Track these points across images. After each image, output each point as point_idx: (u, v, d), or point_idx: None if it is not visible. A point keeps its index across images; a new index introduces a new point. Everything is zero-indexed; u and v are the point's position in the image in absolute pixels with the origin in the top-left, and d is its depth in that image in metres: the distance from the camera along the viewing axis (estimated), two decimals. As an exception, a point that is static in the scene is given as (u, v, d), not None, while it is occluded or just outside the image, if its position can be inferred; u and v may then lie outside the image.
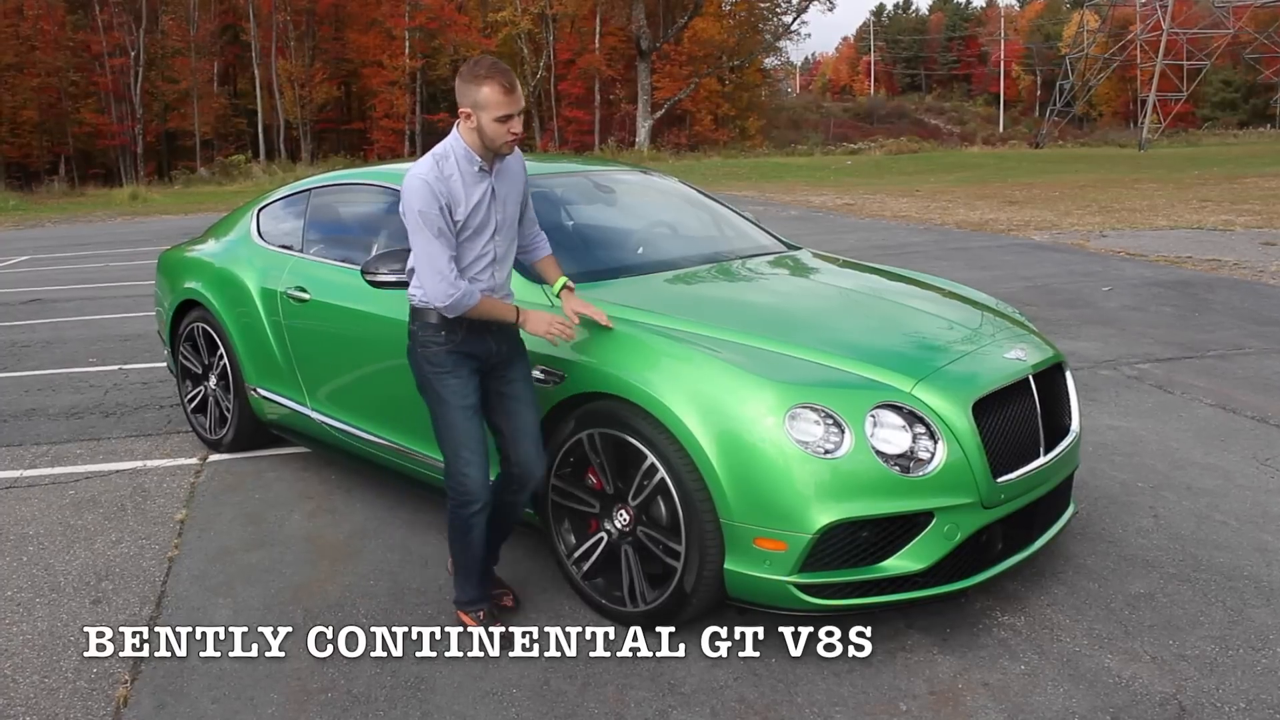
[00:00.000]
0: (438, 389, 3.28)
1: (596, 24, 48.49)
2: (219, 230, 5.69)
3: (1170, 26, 46.49)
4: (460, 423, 3.26)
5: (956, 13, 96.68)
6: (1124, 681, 3.10)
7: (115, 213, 25.00)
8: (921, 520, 3.15)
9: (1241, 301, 9.05)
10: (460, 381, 3.27)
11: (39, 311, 10.34)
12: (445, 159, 3.16)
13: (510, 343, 3.37)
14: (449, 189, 3.12)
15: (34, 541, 4.35)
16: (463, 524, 3.32)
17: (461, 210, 3.15)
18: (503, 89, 3.05)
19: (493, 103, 3.06)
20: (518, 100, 3.10)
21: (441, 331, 3.24)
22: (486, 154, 3.18)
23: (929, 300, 4.25)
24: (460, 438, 3.26)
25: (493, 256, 3.28)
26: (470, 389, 3.28)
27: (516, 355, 3.40)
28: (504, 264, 3.35)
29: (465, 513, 3.29)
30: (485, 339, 3.29)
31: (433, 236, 3.10)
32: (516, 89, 3.09)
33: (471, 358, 3.28)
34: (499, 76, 3.06)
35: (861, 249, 12.74)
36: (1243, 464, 4.91)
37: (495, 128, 3.09)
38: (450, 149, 3.17)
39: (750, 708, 3.01)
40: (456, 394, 3.26)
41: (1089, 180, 25.49)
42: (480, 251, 3.24)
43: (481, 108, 3.08)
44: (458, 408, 3.26)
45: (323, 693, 3.13)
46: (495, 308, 3.24)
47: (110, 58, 43.31)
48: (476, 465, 3.27)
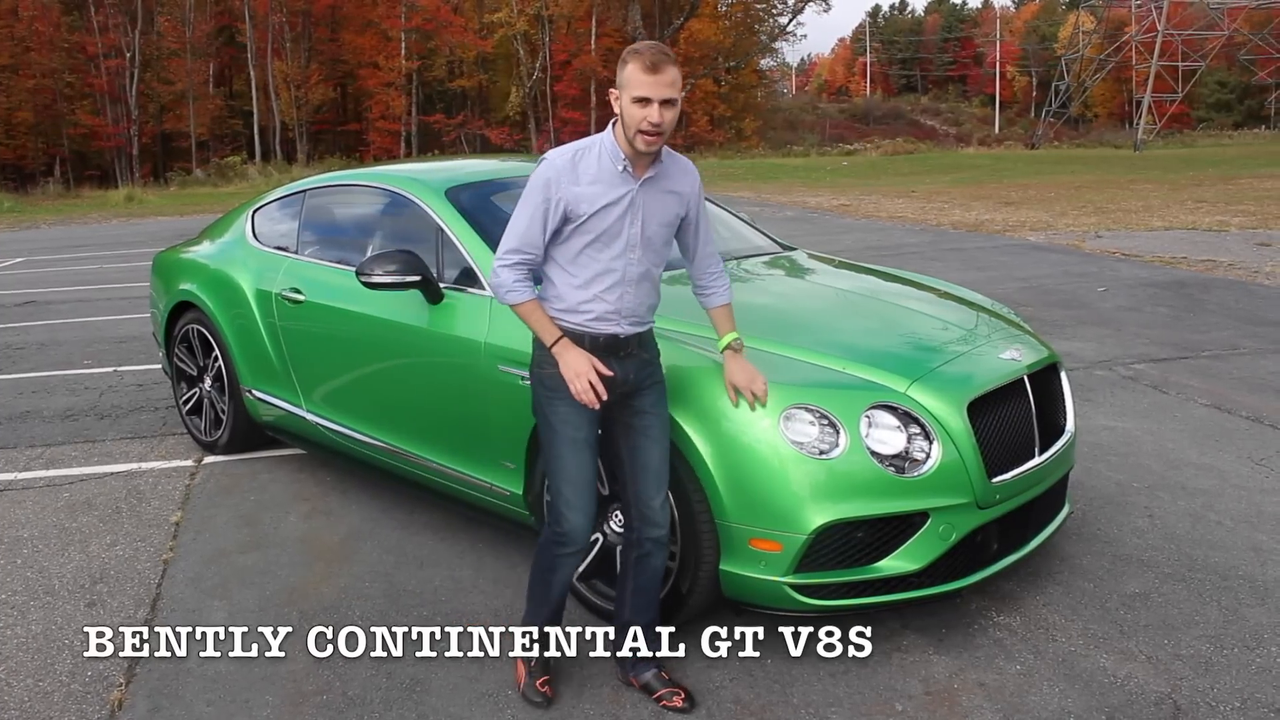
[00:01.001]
0: (548, 415, 2.94)
1: (592, 25, 48.49)
2: (214, 232, 5.68)
3: (1165, 28, 46.60)
4: (567, 455, 2.92)
5: (952, 14, 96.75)
6: (1119, 681, 3.10)
7: (110, 214, 24.98)
8: (917, 520, 3.15)
9: (1236, 302, 9.06)
10: (574, 410, 2.89)
11: (34, 313, 10.33)
12: (588, 150, 2.85)
13: (643, 368, 2.99)
14: (576, 182, 2.81)
15: (28, 544, 4.34)
16: (549, 560, 3.02)
17: (585, 207, 2.81)
18: (644, 66, 2.69)
19: (632, 80, 2.71)
20: (663, 86, 2.69)
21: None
22: (635, 155, 2.81)
23: (924, 301, 4.26)
24: (564, 473, 2.92)
25: (621, 276, 2.87)
26: (584, 419, 2.91)
27: (649, 383, 3.01)
28: (637, 288, 2.91)
29: (555, 550, 2.99)
30: (609, 363, 2.89)
31: (522, 211, 2.83)
32: (664, 71, 2.69)
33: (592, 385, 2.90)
34: (647, 53, 2.70)
35: (857, 250, 12.75)
36: (1237, 464, 4.92)
37: (631, 110, 2.71)
38: (598, 140, 2.87)
39: (746, 708, 3.01)
40: (567, 423, 2.91)
41: (1084, 181, 25.53)
42: (606, 266, 2.86)
43: (622, 86, 2.74)
44: (566, 439, 2.91)
45: (318, 695, 3.13)
46: (539, 322, 2.87)
47: (106, 59, 43.25)
48: (579, 508, 2.92)
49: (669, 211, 2.93)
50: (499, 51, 49.66)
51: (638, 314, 2.95)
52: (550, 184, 2.80)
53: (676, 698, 3.04)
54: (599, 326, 2.90)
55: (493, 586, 3.82)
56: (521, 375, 3.58)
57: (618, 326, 2.91)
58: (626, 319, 2.92)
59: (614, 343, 2.92)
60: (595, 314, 2.89)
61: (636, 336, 2.98)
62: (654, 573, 3.09)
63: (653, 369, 3.04)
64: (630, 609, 3.12)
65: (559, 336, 2.85)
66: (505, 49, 48.81)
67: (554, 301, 2.92)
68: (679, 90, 2.76)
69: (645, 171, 2.86)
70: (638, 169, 2.84)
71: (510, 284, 2.85)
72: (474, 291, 3.88)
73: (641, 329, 2.99)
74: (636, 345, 2.98)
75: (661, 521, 3.03)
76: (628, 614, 3.13)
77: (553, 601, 3.09)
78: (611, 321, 2.90)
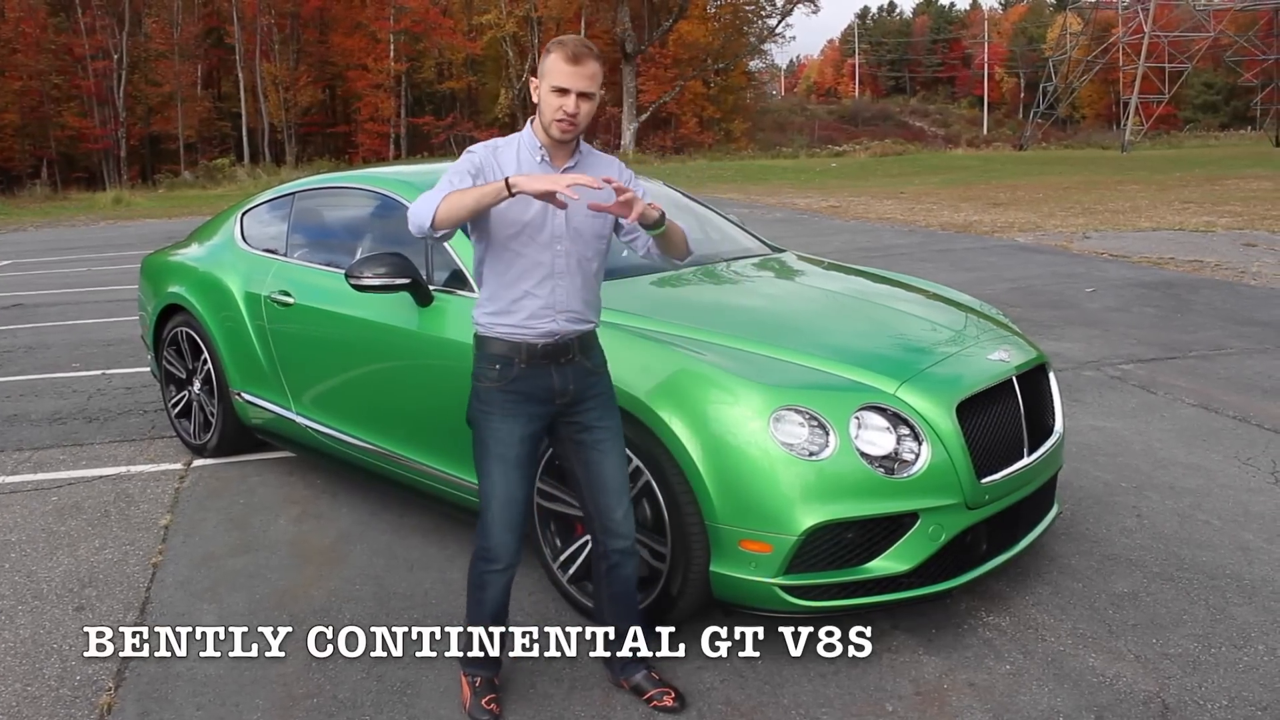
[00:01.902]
0: (480, 430, 2.91)
1: (581, 27, 48.44)
2: (203, 234, 5.67)
3: (1152, 29, 46.75)
4: (496, 473, 2.88)
5: (940, 15, 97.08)
6: (1108, 680, 3.11)
7: (98, 217, 24.87)
8: (906, 521, 3.16)
9: (1223, 302, 9.11)
10: (506, 428, 2.86)
11: (21, 316, 10.28)
12: (507, 144, 2.85)
13: (584, 381, 2.93)
14: (497, 163, 2.79)
15: (16, 548, 4.32)
16: (477, 577, 3.00)
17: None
18: (566, 57, 2.68)
19: (553, 70, 2.70)
20: (582, 78, 2.69)
21: (496, 365, 2.86)
22: (553, 145, 2.81)
23: (913, 302, 4.27)
24: (491, 490, 2.89)
25: (549, 269, 2.82)
26: (516, 438, 2.87)
27: (593, 395, 2.95)
28: (570, 281, 2.85)
29: (482, 566, 2.97)
30: (548, 374, 2.86)
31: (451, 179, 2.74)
32: (584, 64, 2.69)
33: (530, 400, 2.86)
34: (570, 44, 2.71)
35: (846, 251, 12.78)
36: (1225, 463, 4.94)
37: (549, 98, 2.71)
38: (515, 136, 2.87)
39: (736, 709, 3.02)
40: (498, 440, 2.87)
41: (1072, 182, 25.61)
42: (534, 260, 2.81)
43: (543, 75, 2.73)
44: (495, 456, 2.88)
45: (309, 698, 3.12)
46: (470, 190, 2.67)
47: (93, 60, 43.04)
48: (502, 526, 2.90)
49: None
50: (488, 53, 49.62)
51: (573, 308, 2.88)
52: (471, 161, 2.79)
53: (667, 697, 3.04)
54: (535, 325, 2.84)
55: (483, 589, 3.81)
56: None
57: (554, 323, 2.85)
58: (562, 314, 2.86)
59: (553, 349, 2.87)
60: (529, 311, 2.83)
61: (578, 339, 2.92)
62: (627, 580, 3.08)
63: (596, 380, 2.98)
64: (611, 615, 3.12)
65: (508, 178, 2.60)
66: (494, 51, 48.78)
67: (487, 304, 2.89)
68: (598, 85, 2.75)
69: (564, 162, 2.84)
70: (556, 160, 2.83)
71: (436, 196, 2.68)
72: (463, 294, 3.87)
73: (582, 328, 2.93)
74: (579, 350, 2.92)
75: (626, 532, 3.00)
76: (609, 620, 3.13)
77: (487, 618, 3.04)
78: (547, 318, 2.84)
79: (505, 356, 2.85)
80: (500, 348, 2.86)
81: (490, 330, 2.88)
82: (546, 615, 3.58)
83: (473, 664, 3.08)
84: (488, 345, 2.89)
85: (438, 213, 2.65)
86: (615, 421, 3.02)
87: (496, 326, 2.87)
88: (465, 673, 3.10)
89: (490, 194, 2.61)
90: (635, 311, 3.68)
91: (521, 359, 2.84)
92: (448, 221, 2.66)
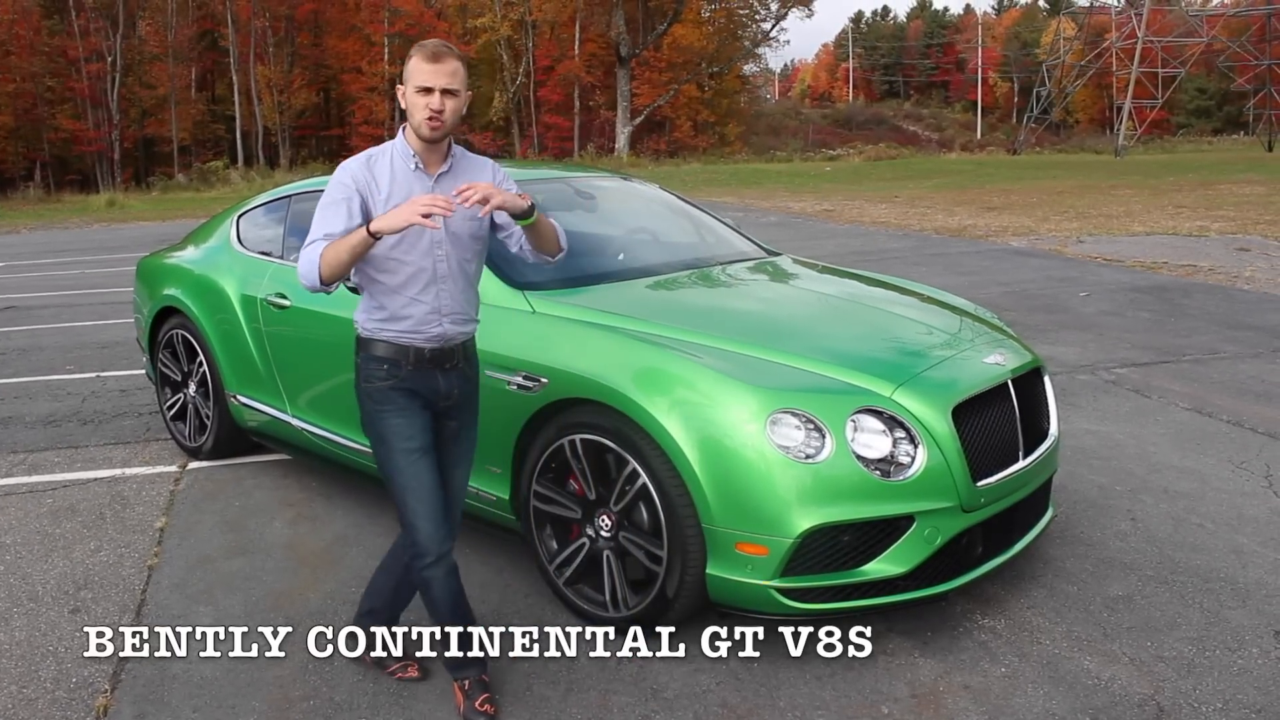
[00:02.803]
0: (379, 429, 2.94)
1: (576, 30, 48.49)
2: (198, 237, 5.66)
3: (1145, 34, 46.92)
4: (405, 467, 2.91)
5: (934, 20, 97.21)
6: (1103, 683, 3.12)
7: (92, 219, 24.82)
8: (902, 524, 3.17)
9: (1217, 306, 9.14)
10: (404, 421, 2.91)
11: (15, 319, 10.26)
12: (381, 154, 2.89)
13: (464, 386, 3.02)
14: (372, 176, 2.83)
15: (11, 550, 4.31)
16: (420, 582, 3.01)
17: (382, 199, 2.81)
18: (426, 57, 2.74)
19: (416, 71, 2.75)
20: (444, 75, 2.74)
21: (384, 366, 2.92)
22: (425, 149, 2.86)
23: (908, 305, 4.28)
24: (406, 485, 2.92)
25: (432, 274, 2.88)
26: (416, 429, 2.93)
27: (467, 402, 3.06)
28: (454, 284, 2.92)
29: (419, 566, 2.96)
30: (434, 378, 2.94)
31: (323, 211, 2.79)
32: (445, 62, 2.74)
33: (418, 395, 2.93)
34: (429, 46, 2.77)
35: (841, 255, 12.79)
36: (1219, 467, 4.96)
37: (415, 99, 2.76)
38: (388, 145, 2.91)
39: (733, 712, 3.02)
40: (399, 435, 2.91)
41: (1066, 186, 25.68)
42: (417, 266, 2.86)
43: (407, 79, 2.78)
44: (400, 450, 2.91)
45: (305, 700, 3.12)
46: (340, 241, 2.72)
47: (87, 63, 42.92)
48: (426, 517, 2.92)
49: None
50: (482, 56, 49.54)
51: (458, 310, 2.95)
52: (345, 185, 2.81)
53: (411, 668, 3.20)
54: (424, 330, 2.90)
55: (479, 591, 3.81)
56: (508, 380, 3.60)
57: (441, 326, 2.91)
58: (448, 317, 2.92)
59: (440, 354, 2.93)
60: (417, 317, 2.89)
61: (462, 345, 2.99)
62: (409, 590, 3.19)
63: (472, 391, 3.07)
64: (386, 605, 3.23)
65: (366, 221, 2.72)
66: (489, 54, 48.71)
67: (374, 313, 2.93)
68: (461, 83, 2.80)
69: (438, 167, 2.89)
70: (430, 165, 2.88)
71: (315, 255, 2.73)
72: (460, 296, 3.88)
73: (466, 329, 3.00)
74: (462, 356, 3.00)
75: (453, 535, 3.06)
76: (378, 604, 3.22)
77: (447, 616, 3.04)
78: (434, 322, 2.91)
79: (393, 359, 2.92)
80: (387, 350, 2.92)
81: (376, 334, 2.93)
82: (542, 618, 3.57)
83: (456, 666, 3.08)
84: (373, 348, 2.94)
85: (323, 273, 2.73)
86: (475, 433, 3.13)
87: (383, 331, 2.92)
88: (455, 678, 3.09)
89: (360, 245, 2.70)
90: (632, 315, 3.69)
91: (409, 362, 2.91)
92: (335, 277, 2.75)
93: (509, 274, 3.89)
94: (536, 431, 3.58)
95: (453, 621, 3.05)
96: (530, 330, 3.69)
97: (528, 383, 3.56)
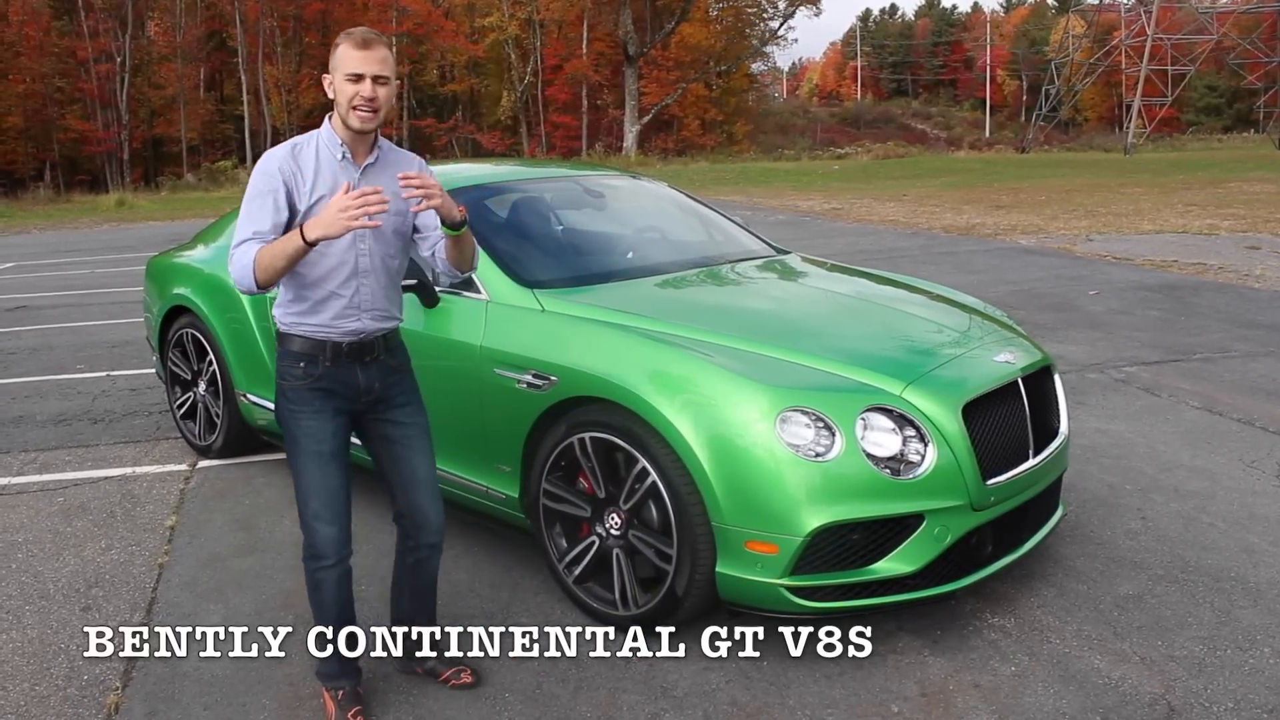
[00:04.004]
0: (291, 428, 2.89)
1: (584, 29, 48.53)
2: (208, 236, 5.68)
3: (1155, 32, 46.74)
4: (311, 469, 2.87)
5: (943, 18, 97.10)
6: (1113, 682, 3.12)
7: (102, 219, 24.90)
8: (912, 522, 3.17)
9: (1227, 305, 9.11)
10: (317, 423, 2.87)
11: (25, 318, 10.29)
12: (306, 143, 2.82)
13: (387, 378, 2.97)
14: (298, 166, 2.77)
15: (23, 549, 4.33)
16: (310, 578, 2.98)
17: (306, 190, 2.75)
18: (355, 44, 2.71)
19: (344, 59, 2.71)
20: (374, 62, 2.71)
21: (300, 363, 2.86)
22: (353, 139, 2.80)
23: (918, 304, 4.28)
24: (310, 486, 2.88)
25: (354, 268, 2.83)
26: (328, 433, 2.88)
27: (399, 392, 3.01)
28: (374, 279, 2.87)
29: (312, 566, 2.95)
30: (353, 372, 2.88)
31: (249, 207, 2.74)
32: (374, 49, 2.71)
33: (335, 395, 2.88)
34: (357, 33, 2.73)
35: (849, 253, 12.78)
36: (1229, 466, 4.94)
37: (345, 88, 2.71)
38: (315, 134, 2.85)
39: (742, 710, 3.02)
40: (310, 436, 2.86)
41: (1075, 185, 25.61)
42: (339, 259, 2.80)
43: (335, 67, 2.74)
44: (309, 452, 2.87)
45: (315, 698, 3.12)
46: (275, 246, 2.65)
47: (96, 63, 43.09)
48: (325, 519, 2.89)
49: (394, 198, 2.77)
50: (490, 56, 49.66)
51: (379, 307, 2.90)
52: (271, 175, 2.75)
53: (465, 674, 3.15)
54: (341, 325, 2.85)
55: (489, 590, 3.82)
56: (517, 378, 3.61)
57: (359, 322, 2.87)
58: (367, 313, 2.88)
59: (358, 347, 2.89)
60: (334, 311, 2.84)
61: (382, 338, 2.94)
62: (431, 575, 3.18)
63: (401, 378, 3.02)
64: (411, 608, 3.21)
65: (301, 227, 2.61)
66: (497, 53, 48.80)
67: (290, 307, 2.87)
68: (391, 70, 2.76)
69: (365, 159, 2.83)
70: (356, 156, 2.82)
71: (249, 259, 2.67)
72: (469, 295, 3.89)
73: (386, 325, 2.95)
74: (383, 350, 2.95)
75: (438, 527, 3.08)
76: (407, 613, 3.21)
77: (331, 619, 3.01)
78: (352, 317, 2.86)
79: (309, 355, 2.86)
80: (303, 345, 2.87)
81: (293, 329, 2.89)
82: (551, 617, 3.58)
83: (329, 673, 3.05)
84: (290, 343, 2.89)
85: (258, 278, 2.67)
86: (424, 418, 3.07)
87: (300, 325, 2.88)
88: (326, 687, 3.05)
89: (295, 254, 2.63)
90: (641, 313, 3.69)
91: (326, 357, 2.86)
92: (271, 281, 2.70)
93: (519, 272, 3.89)
94: (546, 430, 3.58)
95: (339, 624, 3.02)
96: (540, 328, 3.69)
97: (537, 381, 3.56)
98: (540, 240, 4.56)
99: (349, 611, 3.05)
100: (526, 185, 4.87)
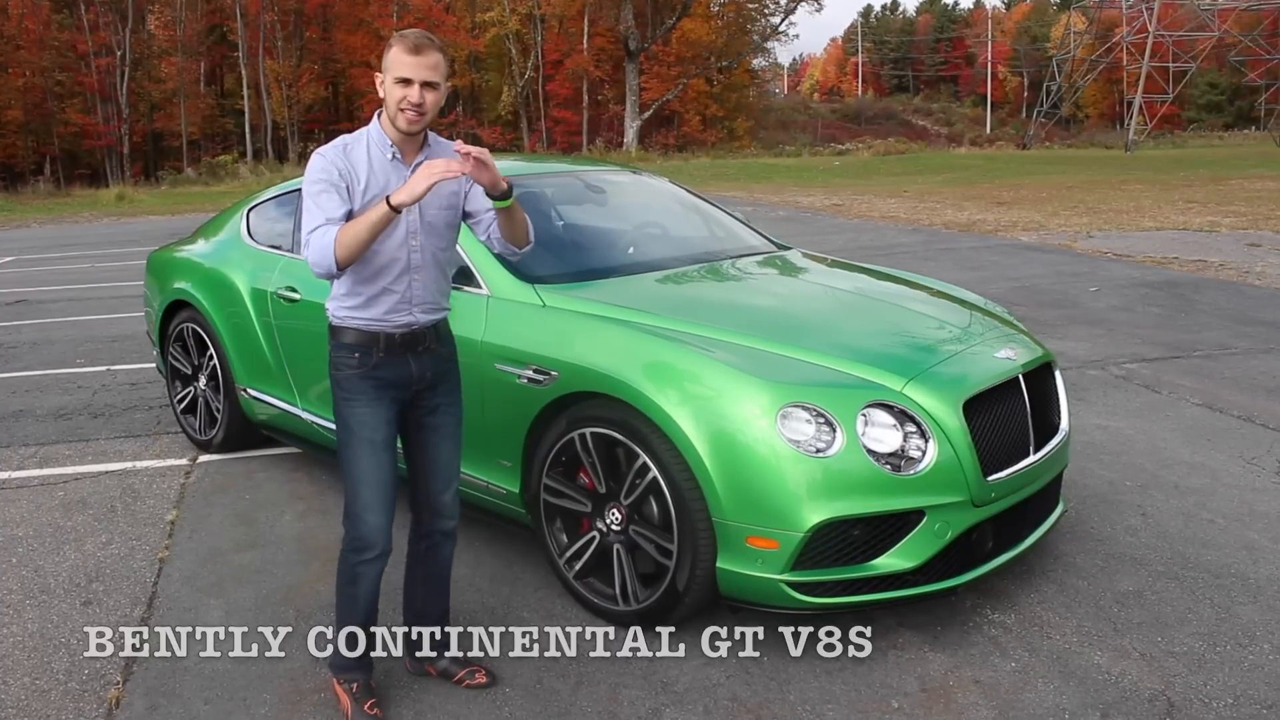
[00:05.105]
0: (346, 417, 2.92)
1: (585, 25, 48.47)
2: (208, 230, 5.68)
3: (1156, 29, 46.71)
4: (364, 457, 2.90)
5: (944, 14, 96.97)
6: (1113, 678, 3.12)
7: (102, 213, 24.89)
8: (912, 518, 3.17)
9: (1227, 302, 9.10)
10: (371, 412, 2.90)
11: (25, 312, 10.29)
12: (357, 142, 2.85)
13: (438, 366, 3.01)
14: (350, 164, 2.80)
15: (23, 543, 4.33)
16: (349, 571, 2.98)
17: (360, 189, 2.79)
18: (407, 49, 2.71)
19: (396, 62, 2.72)
20: (424, 68, 2.71)
21: (355, 353, 2.89)
22: (402, 139, 2.83)
23: (919, 300, 4.27)
24: (361, 475, 2.91)
25: (406, 264, 2.87)
26: (382, 421, 2.92)
27: (444, 380, 3.05)
28: (425, 274, 2.91)
29: (354, 559, 2.95)
30: (405, 362, 2.92)
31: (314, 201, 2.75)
32: (426, 54, 2.71)
33: (390, 386, 2.92)
34: (410, 37, 2.73)
35: (850, 249, 12.77)
36: (1229, 463, 4.94)
37: (394, 90, 2.73)
38: (365, 133, 2.87)
39: (743, 706, 3.02)
40: (365, 425, 2.90)
41: (1076, 181, 25.60)
42: (391, 256, 2.85)
43: (386, 69, 2.75)
44: (364, 440, 2.90)
45: (316, 693, 3.13)
46: (357, 221, 2.68)
47: (96, 57, 43.06)
48: (376, 509, 2.92)
49: (444, 192, 2.89)
50: (491, 51, 49.58)
51: (429, 300, 2.94)
52: (329, 169, 2.78)
53: (479, 675, 3.14)
54: (393, 319, 2.89)
55: (489, 585, 3.83)
56: (518, 374, 3.61)
57: (410, 315, 2.91)
58: (418, 306, 2.92)
59: (410, 338, 2.93)
60: (387, 306, 2.88)
61: (433, 328, 2.99)
62: (444, 562, 3.17)
63: (450, 367, 3.07)
64: (423, 597, 3.20)
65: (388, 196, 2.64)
66: (497, 48, 48.73)
67: (345, 300, 2.91)
68: (441, 75, 2.77)
69: (414, 157, 2.86)
70: (406, 155, 2.85)
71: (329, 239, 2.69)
72: (471, 290, 3.89)
73: (436, 316, 2.99)
74: (434, 339, 2.99)
75: (452, 514, 3.11)
76: (420, 601, 3.20)
77: (361, 616, 3.02)
78: (404, 311, 2.90)
79: (364, 346, 2.89)
80: (358, 338, 2.90)
81: (346, 321, 2.92)
82: (552, 613, 3.58)
83: (346, 668, 3.05)
84: (344, 335, 2.92)
85: (338, 256, 2.68)
86: (459, 408, 3.11)
87: (353, 318, 2.90)
88: (339, 679, 3.06)
89: (381, 221, 2.65)
90: (642, 308, 3.69)
91: (380, 348, 2.89)
92: (351, 259, 2.71)
93: (520, 268, 3.89)
94: (547, 425, 3.59)
95: (367, 621, 3.04)
96: (541, 324, 3.69)
97: (538, 376, 3.56)
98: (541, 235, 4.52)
99: (376, 609, 3.06)
100: (527, 180, 4.85)
